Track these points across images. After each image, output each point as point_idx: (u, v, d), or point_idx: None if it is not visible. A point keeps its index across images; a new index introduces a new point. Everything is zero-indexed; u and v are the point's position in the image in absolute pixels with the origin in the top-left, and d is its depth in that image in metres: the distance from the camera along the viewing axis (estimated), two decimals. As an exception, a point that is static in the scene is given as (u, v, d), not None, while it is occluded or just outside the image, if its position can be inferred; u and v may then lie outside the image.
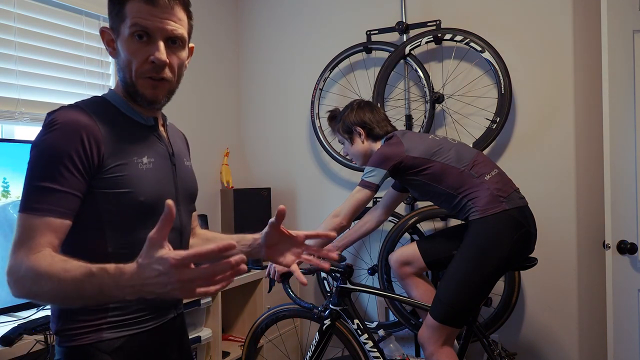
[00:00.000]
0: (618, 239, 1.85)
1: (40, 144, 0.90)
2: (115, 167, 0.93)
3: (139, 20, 0.93)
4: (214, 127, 2.88)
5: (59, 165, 0.87)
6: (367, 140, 1.97)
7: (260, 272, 2.48)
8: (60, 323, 0.96)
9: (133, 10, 0.93)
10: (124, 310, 0.98)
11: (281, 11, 2.95)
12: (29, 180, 0.89)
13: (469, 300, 1.67)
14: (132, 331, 0.99)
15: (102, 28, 1.00)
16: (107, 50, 1.01)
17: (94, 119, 0.93)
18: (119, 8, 0.95)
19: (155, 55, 0.94)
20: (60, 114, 0.91)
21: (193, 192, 1.15)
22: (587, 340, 2.24)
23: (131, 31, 0.94)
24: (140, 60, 0.95)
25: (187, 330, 1.21)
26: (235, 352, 2.36)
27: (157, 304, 1.03)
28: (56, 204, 0.87)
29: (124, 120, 1.00)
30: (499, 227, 1.66)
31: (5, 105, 1.83)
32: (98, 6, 2.13)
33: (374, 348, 1.85)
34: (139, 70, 0.95)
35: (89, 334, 0.95)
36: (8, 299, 1.59)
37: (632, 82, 1.87)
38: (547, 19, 2.29)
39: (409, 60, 2.43)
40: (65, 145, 0.88)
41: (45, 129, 0.90)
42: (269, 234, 1.06)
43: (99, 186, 0.92)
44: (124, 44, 0.95)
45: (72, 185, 0.88)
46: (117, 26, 0.96)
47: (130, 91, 0.99)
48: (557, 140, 2.28)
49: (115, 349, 0.96)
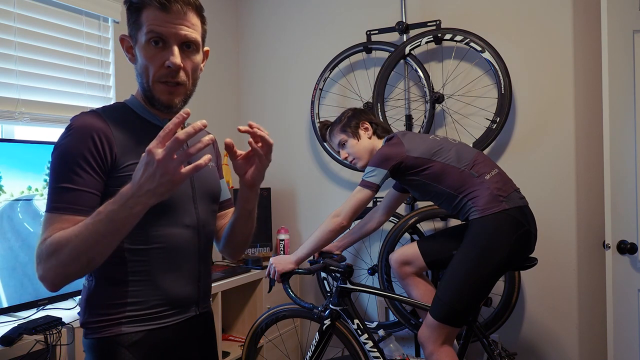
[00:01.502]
0: (618, 239, 1.85)
1: (57, 149, 0.96)
2: (128, 166, 0.97)
3: (154, 27, 0.97)
4: (214, 127, 2.85)
5: (73, 166, 0.93)
6: (373, 137, 1.99)
7: (260, 272, 2.48)
8: (86, 316, 1.01)
9: (149, 17, 0.98)
10: (143, 305, 1.01)
11: (281, 11, 2.95)
12: (50, 183, 0.95)
13: (469, 299, 1.67)
14: (151, 326, 1.02)
15: (122, 36, 1.04)
16: (127, 56, 1.05)
17: (107, 122, 0.98)
18: (135, 16, 1.00)
19: (170, 59, 0.98)
20: (76, 119, 0.97)
21: (213, 192, 1.17)
22: (587, 340, 2.24)
23: (147, 38, 0.98)
24: (157, 66, 0.99)
25: (214, 332, 1.21)
26: (235, 352, 2.36)
27: (175, 299, 1.05)
28: (73, 202, 0.92)
29: (140, 123, 1.05)
30: (499, 227, 1.66)
31: (5, 105, 1.83)
32: (98, 6, 2.14)
33: (374, 348, 1.85)
34: (156, 75, 1.00)
35: (110, 327, 0.99)
36: (8, 299, 1.60)
37: (632, 82, 1.87)
38: (547, 19, 2.29)
39: (409, 60, 2.43)
40: (78, 147, 0.94)
41: (63, 134, 0.97)
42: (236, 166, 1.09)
43: (114, 184, 0.95)
44: (141, 50, 1.00)
45: (87, 184, 0.93)
46: (135, 33, 1.01)
47: (147, 96, 1.03)
48: (557, 140, 2.28)
49: (133, 343, 0.99)
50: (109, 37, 2.22)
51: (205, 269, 1.13)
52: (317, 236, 1.85)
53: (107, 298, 1.00)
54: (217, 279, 2.24)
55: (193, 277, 1.09)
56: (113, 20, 2.22)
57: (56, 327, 1.50)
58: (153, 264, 1.01)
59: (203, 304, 1.14)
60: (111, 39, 2.22)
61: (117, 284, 1.00)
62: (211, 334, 1.19)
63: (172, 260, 1.03)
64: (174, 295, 1.04)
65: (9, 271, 1.60)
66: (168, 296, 1.04)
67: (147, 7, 0.98)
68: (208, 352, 1.17)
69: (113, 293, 1.00)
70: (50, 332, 1.47)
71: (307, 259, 1.93)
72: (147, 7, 0.98)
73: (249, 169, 1.09)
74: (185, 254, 1.06)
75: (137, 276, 1.00)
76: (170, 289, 1.04)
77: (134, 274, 1.00)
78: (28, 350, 1.41)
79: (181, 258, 1.05)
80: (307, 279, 2.86)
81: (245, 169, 1.09)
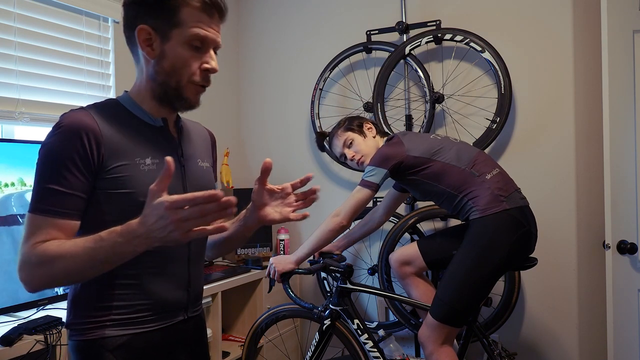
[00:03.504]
0: (618, 239, 1.85)
1: (45, 147, 0.93)
2: (116, 167, 0.94)
3: (199, 31, 0.96)
4: (214, 127, 2.83)
5: (61, 167, 0.90)
6: (377, 136, 2.01)
7: (260, 272, 2.48)
8: (71, 317, 1.00)
9: (192, 18, 0.95)
10: (128, 308, 0.98)
11: (281, 11, 2.95)
12: (37, 182, 0.92)
13: (469, 299, 1.67)
14: (136, 330, 0.99)
15: (142, 26, 0.96)
16: (143, 50, 0.98)
17: (96, 120, 0.95)
18: (172, 12, 0.95)
19: (212, 64, 0.99)
20: (65, 116, 0.94)
21: None
22: (587, 340, 2.24)
23: (189, 39, 0.96)
24: (195, 67, 0.98)
25: (205, 336, 1.19)
26: (235, 352, 2.36)
27: (163, 304, 1.03)
28: (60, 206, 0.90)
29: (131, 121, 1.01)
30: (499, 227, 1.66)
31: (5, 105, 1.83)
32: (98, 6, 2.14)
33: (374, 348, 1.85)
34: (192, 77, 0.98)
35: (94, 329, 0.97)
36: (8, 299, 1.60)
37: (632, 82, 1.87)
38: (547, 19, 2.29)
39: (409, 60, 2.43)
40: (66, 148, 0.90)
41: (52, 131, 0.94)
42: (258, 193, 1.08)
43: (101, 187, 0.93)
44: (174, 50, 0.96)
45: (74, 187, 0.91)
46: (167, 30, 0.96)
47: (170, 94, 1.00)
48: (557, 140, 2.28)
49: (117, 347, 0.97)
50: (109, 37, 2.22)
51: (196, 273, 1.10)
52: (317, 236, 1.85)
53: (92, 300, 0.98)
54: (217, 279, 2.24)
55: (183, 282, 1.06)
56: (113, 20, 2.22)
57: (56, 327, 1.50)
58: (142, 267, 0.98)
59: (192, 308, 1.11)
60: (111, 39, 2.22)
61: (103, 286, 0.97)
62: (201, 338, 1.17)
63: (162, 265, 1.01)
64: (161, 300, 1.02)
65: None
66: (155, 301, 1.01)
67: (187, 5, 0.94)
68: (198, 356, 1.14)
69: (99, 295, 0.97)
70: (50, 332, 1.47)
71: (307, 259, 1.93)
72: (187, 6, 0.94)
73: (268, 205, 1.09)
74: (175, 258, 1.04)
75: (125, 279, 0.97)
76: (158, 293, 1.01)
77: (121, 277, 0.97)
78: (28, 350, 1.41)
79: (171, 262, 1.03)
80: (307, 279, 2.86)
81: (265, 201, 1.09)
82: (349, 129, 2.00)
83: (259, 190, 1.08)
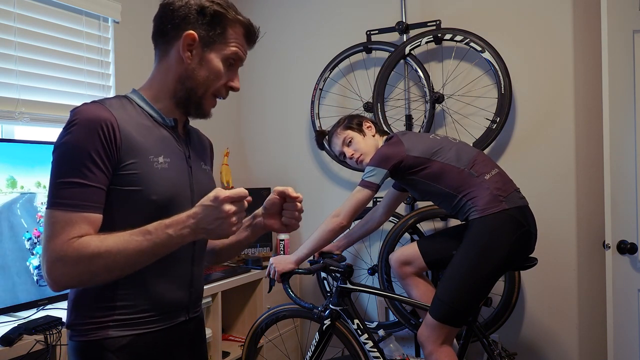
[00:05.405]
0: (618, 239, 1.85)
1: (64, 142, 0.91)
2: (129, 164, 0.94)
3: (239, 52, 1.06)
4: (214, 127, 2.84)
5: (85, 160, 0.89)
6: (376, 135, 2.00)
7: (260, 272, 2.48)
8: (72, 317, 0.99)
9: (237, 38, 1.05)
10: (132, 309, 0.98)
11: (281, 11, 2.95)
12: (58, 178, 0.90)
13: (468, 299, 1.67)
14: (138, 331, 0.99)
15: (190, 32, 1.00)
16: (183, 53, 1.01)
17: (113, 113, 0.94)
18: (222, 27, 1.03)
19: (236, 84, 1.09)
20: (79, 110, 0.93)
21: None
22: (587, 340, 2.24)
23: (228, 56, 1.04)
24: (223, 82, 1.06)
25: (204, 337, 1.20)
26: (235, 352, 2.36)
27: (165, 304, 1.03)
28: (89, 199, 0.90)
29: (145, 118, 1.02)
30: (498, 227, 1.66)
31: (5, 105, 1.83)
32: (98, 6, 2.14)
33: (374, 348, 1.85)
34: (216, 90, 1.06)
35: (97, 330, 0.96)
36: (8, 299, 1.59)
37: (632, 82, 1.87)
38: (547, 19, 2.29)
39: (409, 60, 2.43)
40: (88, 141, 0.90)
41: (66, 127, 0.92)
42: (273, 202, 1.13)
43: (113, 183, 0.93)
44: (212, 61, 1.03)
45: (100, 180, 0.91)
46: (212, 41, 1.03)
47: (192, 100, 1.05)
48: (557, 140, 2.28)
49: (119, 348, 0.97)
50: (109, 37, 2.22)
51: (198, 273, 1.11)
52: (316, 236, 1.85)
53: (95, 300, 0.97)
54: (217, 279, 2.24)
55: (185, 282, 1.07)
56: (113, 20, 2.22)
57: (56, 327, 1.50)
58: (146, 267, 0.95)
59: (194, 309, 1.11)
60: (111, 39, 2.22)
61: (106, 286, 0.95)
62: (201, 339, 1.17)
63: (165, 264, 1.00)
64: (164, 301, 1.02)
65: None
66: (158, 301, 1.01)
67: (234, 27, 1.04)
68: (197, 357, 1.14)
69: (102, 295, 0.96)
70: (50, 332, 1.47)
71: (307, 259, 1.93)
72: (236, 26, 1.04)
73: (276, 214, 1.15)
74: (180, 259, 1.04)
75: (128, 279, 0.95)
76: (161, 293, 1.01)
77: (125, 277, 0.95)
78: (28, 350, 1.41)
79: (175, 262, 1.03)
80: (307, 279, 2.86)
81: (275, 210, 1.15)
82: (348, 127, 2.00)
83: (273, 200, 1.13)
